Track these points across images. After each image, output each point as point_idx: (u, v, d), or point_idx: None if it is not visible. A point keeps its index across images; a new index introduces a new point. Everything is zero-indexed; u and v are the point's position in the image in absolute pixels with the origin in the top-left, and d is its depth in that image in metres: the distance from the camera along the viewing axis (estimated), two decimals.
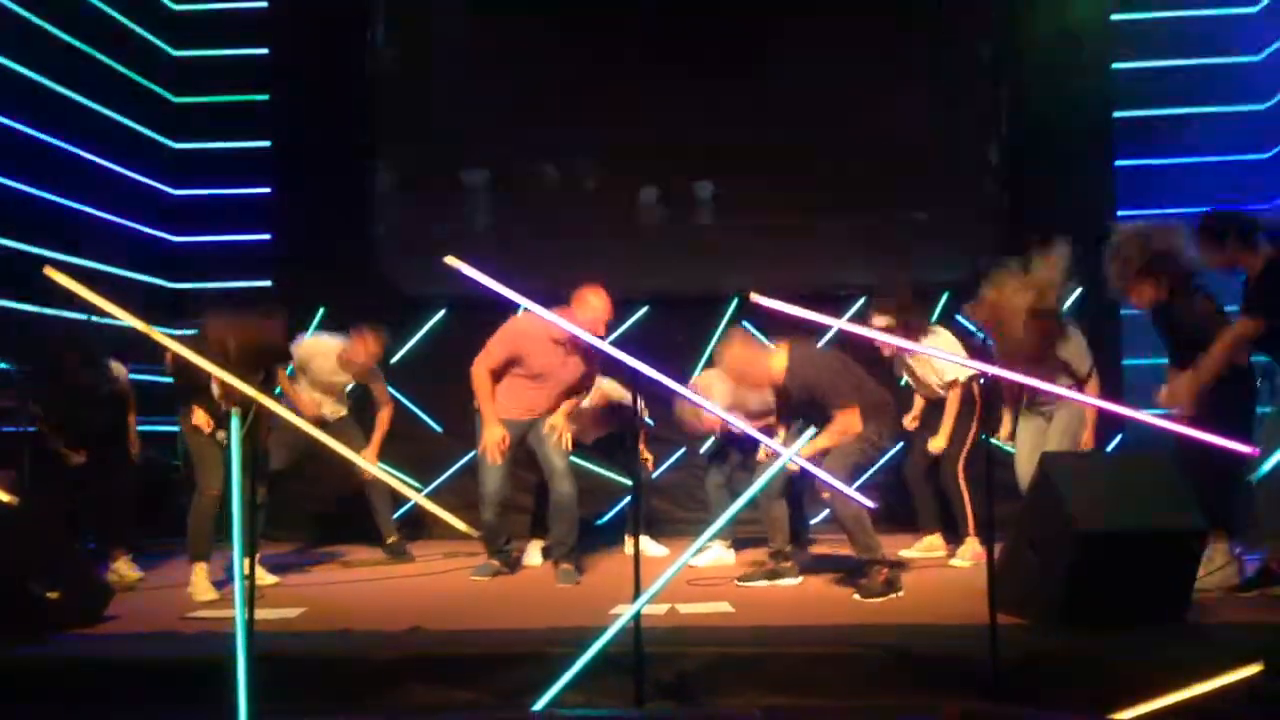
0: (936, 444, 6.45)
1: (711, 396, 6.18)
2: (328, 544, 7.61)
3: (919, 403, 6.72)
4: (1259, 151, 8.11)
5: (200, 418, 5.59)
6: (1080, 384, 5.70)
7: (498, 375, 5.92)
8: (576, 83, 8.26)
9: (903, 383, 6.82)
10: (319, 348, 6.74)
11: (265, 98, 8.66)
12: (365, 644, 4.34)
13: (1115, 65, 8.20)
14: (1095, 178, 8.07)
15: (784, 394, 5.56)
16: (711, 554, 6.39)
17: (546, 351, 5.86)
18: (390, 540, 6.89)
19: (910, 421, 6.67)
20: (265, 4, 8.72)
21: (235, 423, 3.52)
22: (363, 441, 6.69)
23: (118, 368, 6.39)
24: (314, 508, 7.89)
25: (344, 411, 6.91)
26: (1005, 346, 5.55)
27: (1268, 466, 4.59)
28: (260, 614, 4.23)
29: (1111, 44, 8.19)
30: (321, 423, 6.66)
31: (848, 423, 5.27)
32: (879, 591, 5.19)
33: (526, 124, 8.27)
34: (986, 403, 6.20)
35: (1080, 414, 5.64)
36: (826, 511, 7.31)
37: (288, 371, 6.63)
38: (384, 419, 6.79)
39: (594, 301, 5.77)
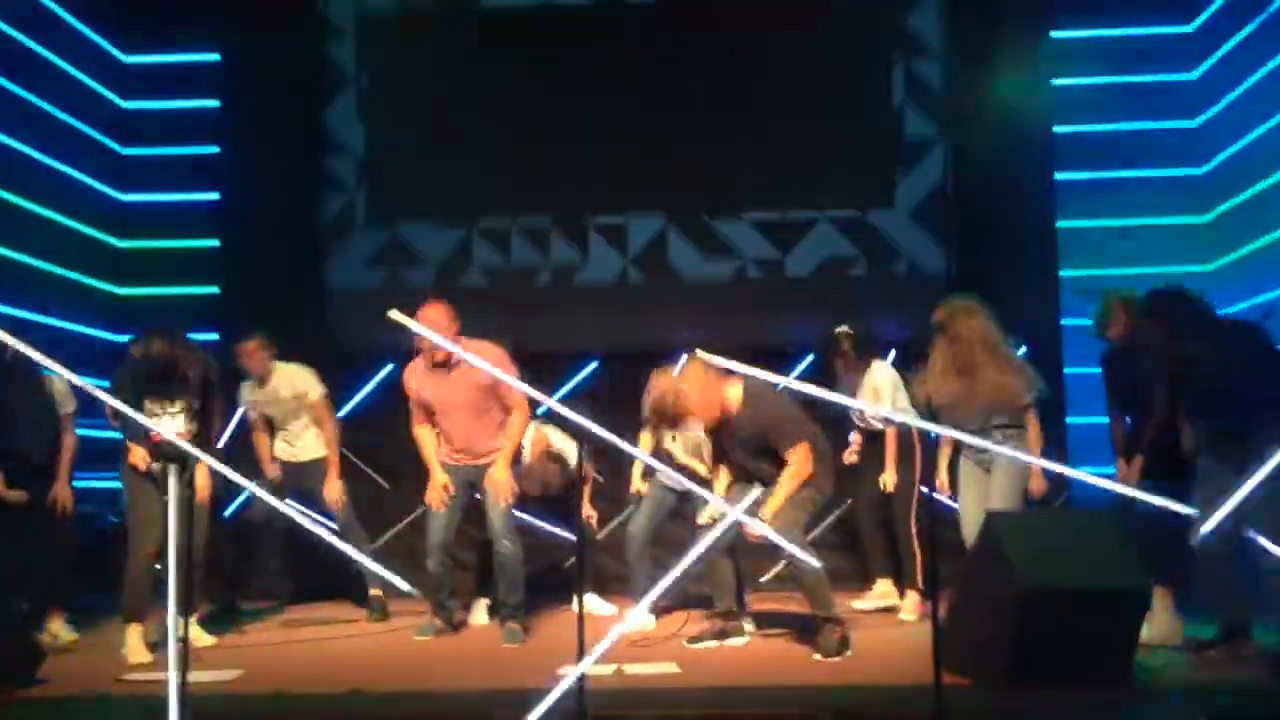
0: (887, 479, 6.48)
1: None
2: (309, 601, 7.46)
3: (857, 439, 6.75)
4: (1198, 214, 8.28)
5: (138, 454, 5.50)
6: (1021, 414, 5.69)
7: (430, 425, 6.02)
8: (520, 132, 8.31)
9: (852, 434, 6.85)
10: (249, 386, 6.82)
11: (216, 150, 8.63)
12: (302, 708, 4.25)
13: (1056, 129, 8.35)
14: (1038, 238, 8.19)
15: (728, 433, 5.52)
16: (635, 620, 6.22)
17: (430, 381, 5.89)
18: (372, 594, 6.76)
19: (849, 455, 6.69)
20: (217, 56, 8.70)
21: (172, 480, 3.46)
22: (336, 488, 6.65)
23: (60, 384, 6.09)
24: (296, 562, 7.80)
25: (324, 450, 6.78)
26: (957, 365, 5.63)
27: (1209, 527, 4.63)
28: (195, 676, 4.14)
29: (1052, 107, 8.33)
30: (289, 465, 6.73)
31: (802, 462, 5.25)
32: (834, 650, 5.18)
33: (479, 175, 8.31)
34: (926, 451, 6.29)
35: (1023, 463, 5.64)
36: (774, 570, 7.34)
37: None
38: (330, 445, 6.71)
39: (430, 313, 5.78)
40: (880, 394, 6.51)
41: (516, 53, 8.44)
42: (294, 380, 6.74)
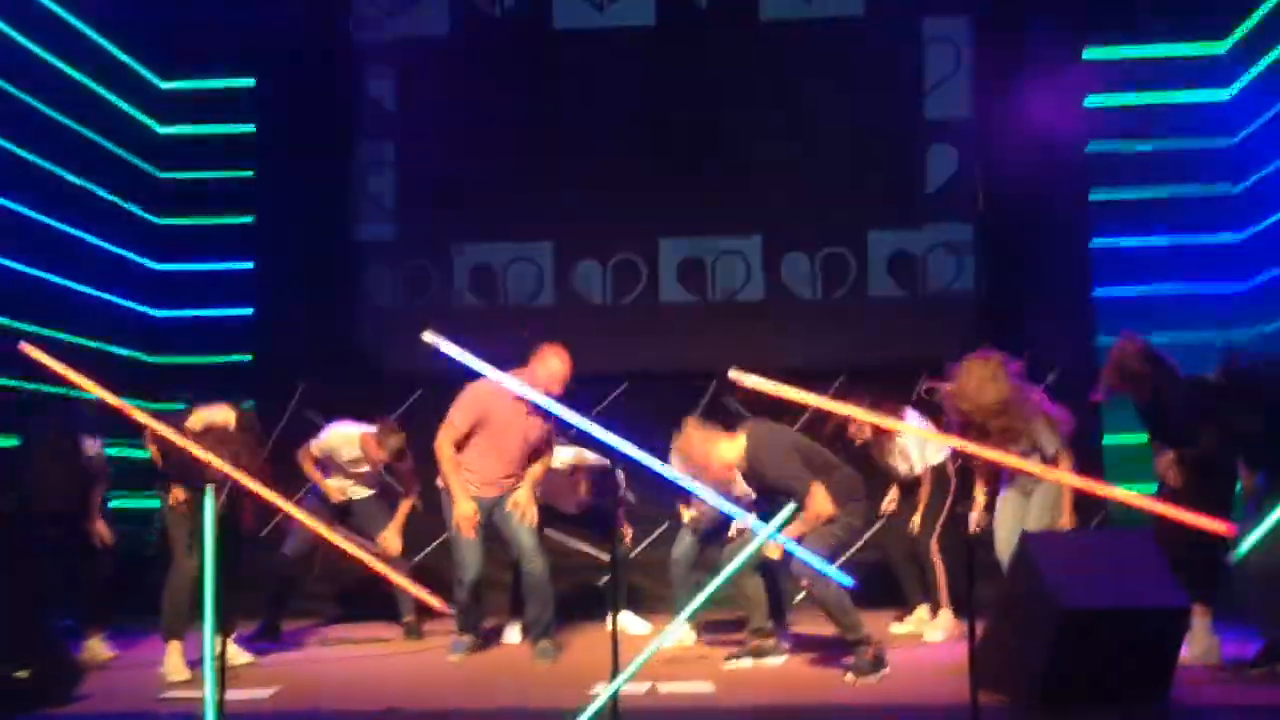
0: (916, 521, 6.54)
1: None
2: (347, 621, 7.51)
3: (894, 489, 6.77)
4: (1233, 232, 8.22)
5: (177, 496, 5.54)
6: (1049, 464, 5.64)
7: (460, 446, 5.89)
8: (557, 160, 8.38)
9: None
10: (343, 436, 6.69)
11: (250, 173, 8.73)
12: None
13: (1091, 147, 8.32)
14: (1072, 258, 8.16)
15: (754, 482, 5.54)
16: (674, 635, 6.25)
17: (509, 409, 5.81)
18: (407, 619, 6.80)
19: (888, 505, 6.76)
20: (252, 81, 8.81)
21: (209, 500, 3.50)
22: (386, 521, 6.69)
23: (91, 444, 6.25)
24: (336, 583, 7.85)
25: (372, 491, 6.86)
26: (975, 431, 5.58)
27: (1247, 546, 4.59)
28: (232, 694, 4.18)
29: (1085, 127, 8.31)
30: (346, 503, 6.71)
31: (818, 507, 5.17)
32: (869, 670, 5.13)
33: (512, 197, 8.37)
34: (961, 482, 6.31)
35: (1059, 491, 5.61)
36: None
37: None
38: (405, 504, 6.76)
39: (554, 362, 5.77)
40: (907, 452, 6.55)
41: (548, 76, 8.53)
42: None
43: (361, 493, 6.81)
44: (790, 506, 4.96)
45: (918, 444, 6.57)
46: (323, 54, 8.64)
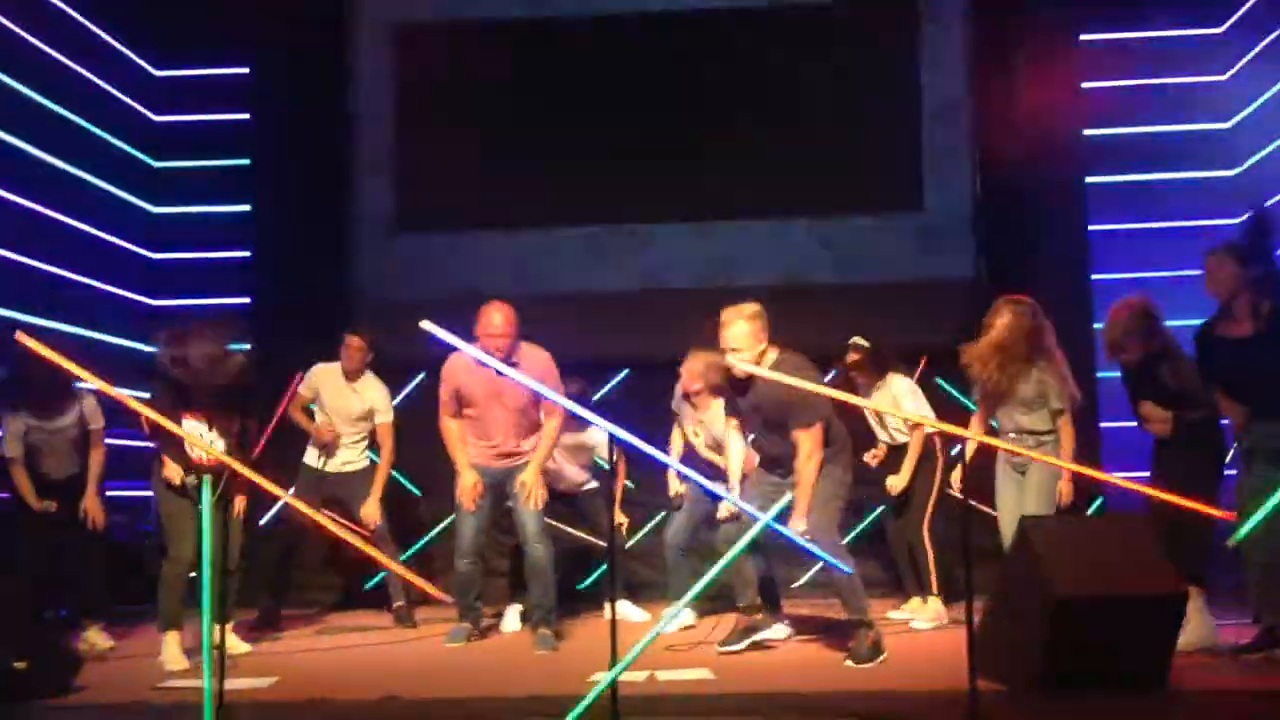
0: (895, 482, 6.46)
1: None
2: (344, 609, 7.54)
3: (881, 448, 6.72)
4: (1230, 217, 8.21)
5: (171, 469, 5.53)
6: (1054, 417, 5.60)
7: (459, 419, 6.00)
8: (550, 143, 8.34)
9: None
10: (326, 371, 6.86)
11: (247, 161, 8.70)
12: (337, 715, 4.28)
13: (1087, 132, 8.31)
14: (1069, 242, 8.16)
15: (754, 404, 5.49)
16: (674, 620, 6.26)
17: (478, 377, 5.85)
18: (397, 605, 6.81)
19: (870, 458, 6.63)
20: (246, 70, 8.78)
21: (206, 489, 3.48)
22: (376, 509, 6.73)
23: (89, 400, 6.18)
24: (333, 572, 7.91)
25: (364, 462, 6.91)
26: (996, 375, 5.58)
27: (1246, 530, 4.58)
28: (231, 684, 4.18)
29: (1082, 110, 8.30)
30: (326, 475, 6.78)
31: (812, 447, 5.19)
32: (867, 656, 5.16)
33: (509, 186, 8.33)
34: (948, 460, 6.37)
35: (1054, 469, 5.58)
36: (808, 575, 7.34)
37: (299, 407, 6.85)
38: (382, 469, 6.82)
39: (495, 318, 5.79)
40: (899, 404, 6.51)
41: (544, 63, 8.49)
42: (374, 396, 6.86)
43: (351, 464, 6.84)
44: (787, 496, 4.96)
45: (908, 395, 6.53)
46: (319, 39, 8.60)
